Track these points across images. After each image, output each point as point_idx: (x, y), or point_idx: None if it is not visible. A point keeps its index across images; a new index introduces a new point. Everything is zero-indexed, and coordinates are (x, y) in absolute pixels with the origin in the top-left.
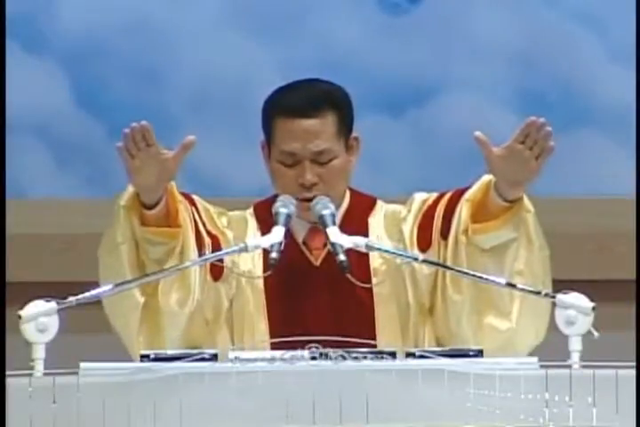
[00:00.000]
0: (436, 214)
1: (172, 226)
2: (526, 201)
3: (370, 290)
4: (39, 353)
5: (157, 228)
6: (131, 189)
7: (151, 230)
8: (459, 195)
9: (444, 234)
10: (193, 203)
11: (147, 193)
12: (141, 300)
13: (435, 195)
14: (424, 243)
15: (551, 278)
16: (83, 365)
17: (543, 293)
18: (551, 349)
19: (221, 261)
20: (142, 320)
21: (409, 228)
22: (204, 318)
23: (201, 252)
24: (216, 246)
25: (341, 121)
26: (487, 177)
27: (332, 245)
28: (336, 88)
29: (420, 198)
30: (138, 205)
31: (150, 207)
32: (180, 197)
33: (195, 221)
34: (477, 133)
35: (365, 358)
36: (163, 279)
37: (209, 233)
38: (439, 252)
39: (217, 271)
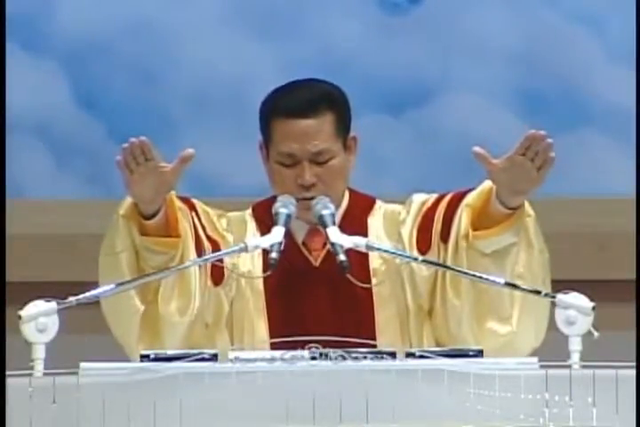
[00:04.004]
0: (436, 217)
1: (172, 235)
2: (527, 206)
3: (369, 290)
4: (39, 353)
5: (157, 237)
6: (130, 198)
7: (151, 240)
8: (458, 198)
9: (444, 238)
10: (192, 207)
11: (145, 205)
12: (141, 307)
13: (434, 196)
14: (423, 245)
15: (550, 281)
16: (83, 365)
17: (543, 293)
18: (551, 349)
19: (221, 261)
20: (142, 329)
21: (408, 230)
22: (204, 323)
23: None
24: (215, 252)
25: (339, 121)
26: (488, 183)
27: (333, 245)
28: (333, 88)
29: (419, 200)
30: (137, 214)
31: (149, 218)
32: (179, 205)
33: (194, 226)
34: (476, 149)
35: (365, 358)
36: (163, 286)
37: (209, 238)
38: (439, 255)
39: (218, 276)
